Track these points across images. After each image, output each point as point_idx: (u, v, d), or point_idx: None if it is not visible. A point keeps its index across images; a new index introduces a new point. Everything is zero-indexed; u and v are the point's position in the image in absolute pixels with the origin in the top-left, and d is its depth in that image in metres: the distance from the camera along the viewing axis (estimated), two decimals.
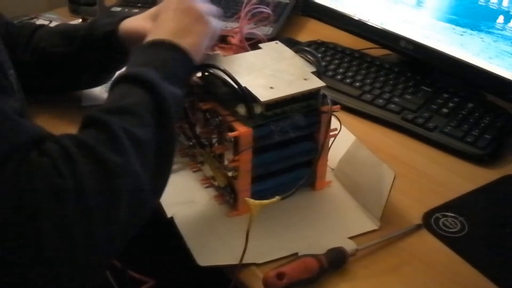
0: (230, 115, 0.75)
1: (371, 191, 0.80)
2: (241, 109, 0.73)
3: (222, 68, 0.75)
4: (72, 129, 0.97)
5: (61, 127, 0.99)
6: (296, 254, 0.72)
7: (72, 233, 0.54)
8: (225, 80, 0.74)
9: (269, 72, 0.78)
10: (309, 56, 0.82)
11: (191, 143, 0.86)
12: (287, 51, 0.84)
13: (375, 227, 0.77)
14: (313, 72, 0.79)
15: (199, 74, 0.81)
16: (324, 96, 0.78)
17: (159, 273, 1.09)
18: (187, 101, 0.81)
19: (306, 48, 0.83)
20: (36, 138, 0.58)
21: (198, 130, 0.82)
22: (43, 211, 0.53)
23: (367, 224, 0.78)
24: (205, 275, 0.76)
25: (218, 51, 0.86)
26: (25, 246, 0.53)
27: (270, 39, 1.05)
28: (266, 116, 0.74)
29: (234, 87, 0.73)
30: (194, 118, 0.83)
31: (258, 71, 0.78)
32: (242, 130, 0.73)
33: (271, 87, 0.74)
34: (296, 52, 0.83)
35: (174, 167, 0.87)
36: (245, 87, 0.73)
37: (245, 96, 0.73)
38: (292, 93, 0.75)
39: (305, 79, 0.77)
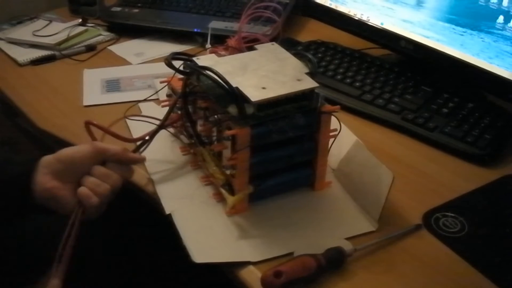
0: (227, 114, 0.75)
1: (370, 192, 0.79)
2: (233, 109, 0.73)
3: (214, 69, 0.75)
4: (72, 128, 0.98)
5: (62, 127, 0.99)
6: (292, 253, 0.72)
7: None
8: (217, 81, 0.74)
9: (263, 73, 0.78)
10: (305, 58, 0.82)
11: (192, 141, 0.86)
12: (283, 52, 0.84)
13: (373, 229, 0.77)
14: (307, 73, 0.78)
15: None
16: (321, 96, 0.78)
17: (158, 273, 1.08)
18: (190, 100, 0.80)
19: (301, 52, 0.83)
20: None
21: (199, 128, 0.82)
22: None
23: (364, 225, 0.78)
24: (206, 275, 0.76)
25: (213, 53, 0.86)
26: None
27: (270, 39, 1.05)
28: (259, 117, 0.74)
29: (226, 88, 0.73)
30: (195, 116, 0.83)
31: (251, 72, 0.78)
32: (240, 128, 0.73)
33: (263, 88, 0.74)
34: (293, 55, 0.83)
35: (175, 165, 0.87)
36: (236, 87, 0.73)
37: (236, 96, 0.73)
38: (284, 93, 0.74)
39: (298, 80, 0.77)
